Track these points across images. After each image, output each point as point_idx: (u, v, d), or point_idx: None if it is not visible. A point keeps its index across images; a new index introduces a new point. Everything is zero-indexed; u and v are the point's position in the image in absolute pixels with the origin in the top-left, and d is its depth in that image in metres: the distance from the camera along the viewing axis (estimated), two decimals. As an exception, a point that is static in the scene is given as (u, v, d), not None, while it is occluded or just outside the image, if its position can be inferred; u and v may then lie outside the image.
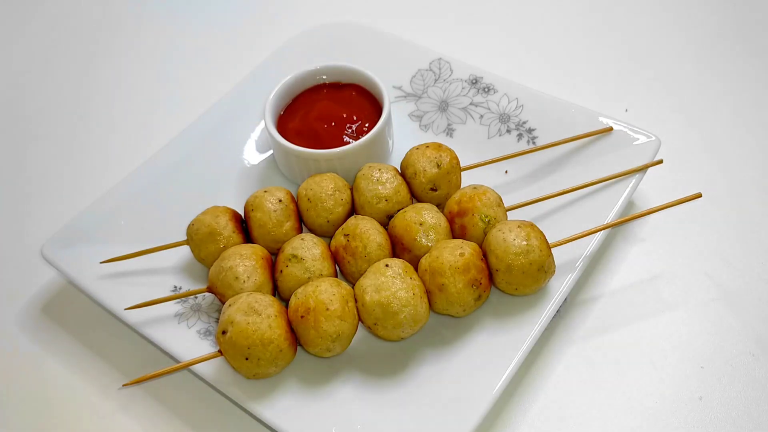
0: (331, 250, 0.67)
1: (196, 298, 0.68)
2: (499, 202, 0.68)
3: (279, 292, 0.66)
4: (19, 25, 1.08)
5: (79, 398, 0.67)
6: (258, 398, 0.60)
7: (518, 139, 0.79)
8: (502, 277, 0.62)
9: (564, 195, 0.71)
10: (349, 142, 0.76)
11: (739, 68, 0.92)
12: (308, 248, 0.65)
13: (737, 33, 0.97)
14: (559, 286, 0.64)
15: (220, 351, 0.60)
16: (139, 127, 0.92)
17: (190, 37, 1.05)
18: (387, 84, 0.82)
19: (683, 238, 0.74)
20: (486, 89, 0.82)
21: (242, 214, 0.71)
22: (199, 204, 0.72)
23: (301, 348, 0.62)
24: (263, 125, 0.81)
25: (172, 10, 1.10)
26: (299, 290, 0.61)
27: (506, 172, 0.77)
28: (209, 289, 0.65)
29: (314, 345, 0.59)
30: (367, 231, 0.66)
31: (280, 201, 0.69)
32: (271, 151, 0.81)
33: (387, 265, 0.62)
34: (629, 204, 0.76)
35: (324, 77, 0.82)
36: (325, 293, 0.60)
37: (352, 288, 0.63)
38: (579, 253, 0.66)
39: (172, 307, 0.66)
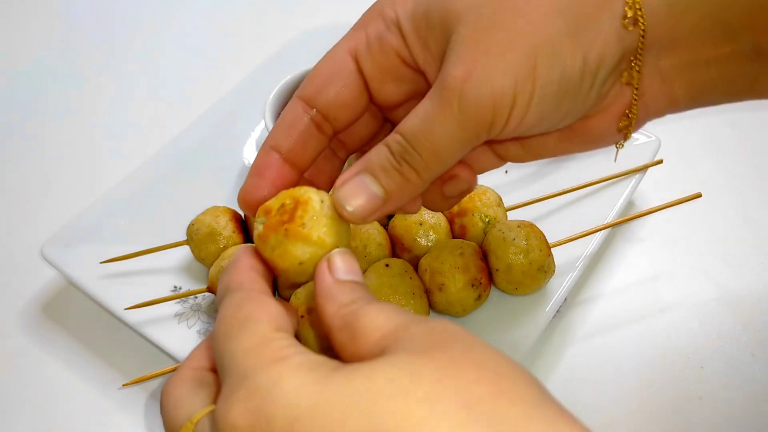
0: (331, 250, 0.67)
1: (196, 298, 0.68)
2: (499, 202, 0.68)
3: (279, 292, 0.66)
4: (17, 25, 1.08)
5: (79, 398, 0.67)
6: (258, 398, 0.59)
7: (518, 139, 0.79)
8: (502, 276, 0.62)
9: (564, 195, 0.71)
10: (349, 142, 0.75)
11: (739, 68, 0.92)
12: (308, 248, 0.65)
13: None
14: (559, 286, 0.64)
15: (220, 351, 0.60)
16: (139, 127, 0.92)
17: (190, 37, 1.05)
18: (387, 84, 0.81)
19: (683, 238, 0.75)
20: (486, 89, 0.82)
21: (242, 214, 0.71)
22: (199, 204, 0.72)
23: (301, 348, 0.62)
24: (263, 125, 0.81)
25: (171, 9, 1.10)
26: (299, 290, 0.61)
27: (506, 172, 0.77)
28: (209, 289, 0.65)
29: (314, 345, 0.59)
30: (367, 231, 0.66)
31: (280, 201, 0.69)
32: (271, 151, 0.81)
33: (387, 265, 0.62)
34: (629, 204, 0.76)
35: (324, 77, 0.82)
36: (325, 293, 0.60)
37: (352, 288, 0.63)
38: (579, 253, 0.66)
39: (172, 307, 0.66)
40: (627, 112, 0.45)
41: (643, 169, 0.71)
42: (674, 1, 0.40)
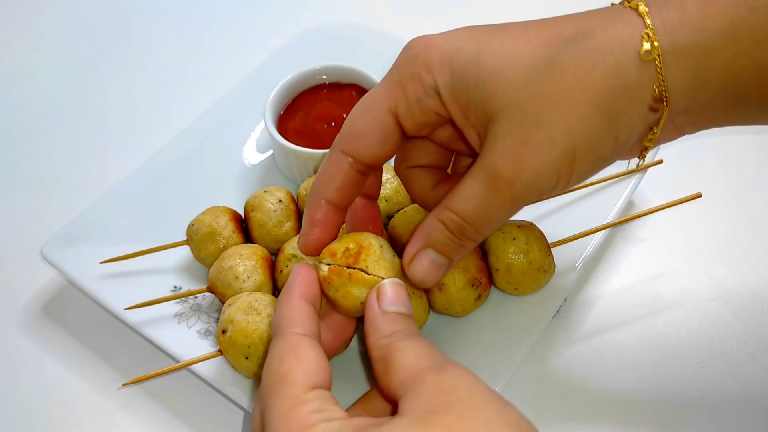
0: (331, 250, 0.67)
1: (196, 298, 0.68)
2: (499, 202, 0.68)
3: (279, 292, 0.66)
4: (19, 25, 1.08)
5: (79, 398, 0.67)
6: (258, 398, 0.59)
7: (518, 139, 0.79)
8: (501, 276, 0.62)
9: (564, 195, 0.71)
10: (349, 142, 0.75)
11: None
12: (308, 248, 0.65)
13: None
14: (559, 286, 0.64)
15: (220, 351, 0.60)
16: (139, 127, 0.92)
17: (190, 37, 1.05)
18: (387, 84, 0.81)
19: (683, 238, 0.75)
20: (486, 89, 0.82)
21: (242, 214, 0.71)
22: (199, 204, 0.72)
23: (301, 348, 0.62)
24: (263, 125, 0.81)
25: (171, 9, 1.10)
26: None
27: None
28: (209, 289, 0.65)
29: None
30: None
31: (280, 201, 0.69)
32: (271, 151, 0.81)
33: (387, 265, 0.62)
34: (629, 204, 0.76)
35: (324, 77, 0.82)
36: (325, 293, 0.60)
37: (352, 288, 0.63)
38: (579, 253, 0.66)
39: (172, 307, 0.66)
40: (642, 152, 0.51)
41: (643, 169, 0.71)
42: (693, 83, 0.44)
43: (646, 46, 0.43)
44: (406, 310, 0.47)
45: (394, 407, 0.41)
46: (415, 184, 0.57)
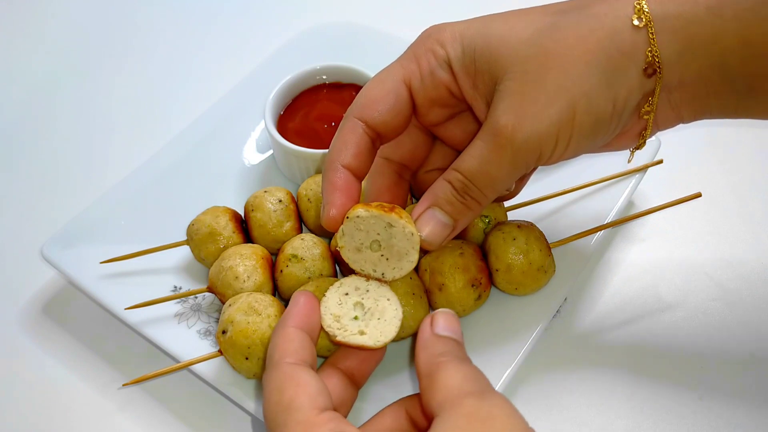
0: (331, 250, 0.67)
1: (196, 298, 0.68)
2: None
3: (279, 292, 0.66)
4: (19, 25, 1.08)
5: (79, 398, 0.67)
6: (258, 398, 0.60)
7: (518, 139, 0.79)
8: (502, 276, 0.62)
9: (564, 195, 0.71)
10: (349, 142, 0.75)
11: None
12: (308, 248, 0.65)
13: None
14: (559, 286, 0.64)
15: (220, 351, 0.60)
16: (139, 127, 0.92)
17: (190, 37, 1.05)
18: (387, 84, 0.81)
19: (683, 238, 0.75)
20: (486, 89, 0.82)
21: (242, 214, 0.71)
22: (199, 204, 0.72)
23: (301, 348, 0.62)
24: (263, 125, 0.81)
25: (171, 10, 1.10)
26: (299, 290, 0.61)
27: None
28: (209, 289, 0.65)
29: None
30: (367, 231, 0.66)
31: (280, 201, 0.69)
32: (271, 151, 0.81)
33: (387, 265, 0.62)
34: (629, 204, 0.76)
35: (324, 77, 0.82)
36: (325, 293, 0.60)
37: (352, 288, 0.63)
38: (579, 253, 0.66)
39: (172, 307, 0.66)
40: (642, 133, 0.52)
41: (643, 169, 0.71)
42: (683, 53, 0.47)
43: (638, 12, 0.46)
44: (457, 337, 0.47)
45: (429, 424, 0.41)
46: None
